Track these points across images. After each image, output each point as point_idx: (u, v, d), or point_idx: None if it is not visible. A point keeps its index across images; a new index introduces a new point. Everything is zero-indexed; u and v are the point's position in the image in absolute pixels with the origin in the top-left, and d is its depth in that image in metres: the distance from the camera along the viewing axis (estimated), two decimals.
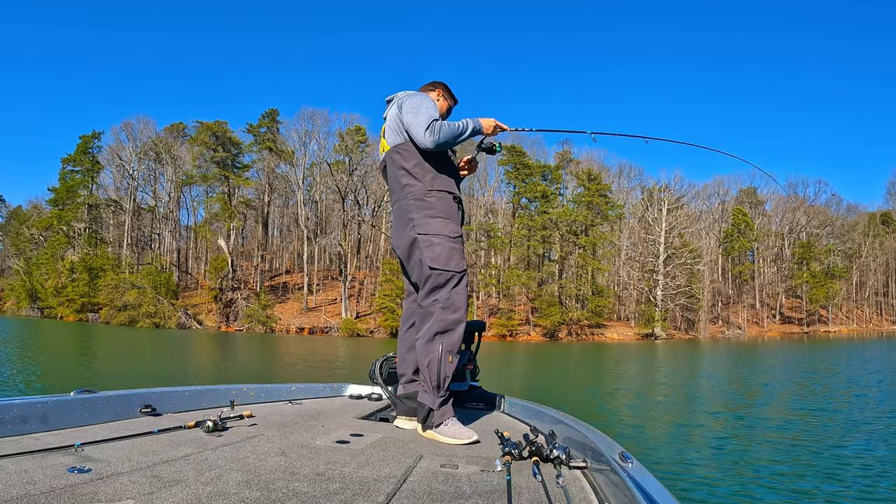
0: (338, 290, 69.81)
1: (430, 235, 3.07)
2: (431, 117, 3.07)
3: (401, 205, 3.19)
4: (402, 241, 3.19)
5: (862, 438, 9.16)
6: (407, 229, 3.13)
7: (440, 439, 2.84)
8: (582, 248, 68.40)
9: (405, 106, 3.17)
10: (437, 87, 3.54)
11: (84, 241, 70.04)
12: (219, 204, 71.69)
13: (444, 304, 3.02)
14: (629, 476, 1.74)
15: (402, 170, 3.17)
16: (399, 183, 3.19)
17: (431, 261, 3.03)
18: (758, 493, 6.31)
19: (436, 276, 3.03)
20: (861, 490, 6.51)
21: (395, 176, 3.21)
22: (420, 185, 3.13)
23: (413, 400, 3.11)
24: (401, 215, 3.19)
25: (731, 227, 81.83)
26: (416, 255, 3.11)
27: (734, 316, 79.75)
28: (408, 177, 3.15)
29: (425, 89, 3.53)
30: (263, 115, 75.00)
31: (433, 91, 3.53)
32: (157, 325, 60.68)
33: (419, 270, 3.10)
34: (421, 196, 3.12)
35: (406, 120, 3.14)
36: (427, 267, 3.03)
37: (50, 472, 1.89)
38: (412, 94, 3.27)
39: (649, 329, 67.34)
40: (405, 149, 3.18)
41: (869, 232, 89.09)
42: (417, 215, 3.09)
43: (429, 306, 3.05)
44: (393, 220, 3.31)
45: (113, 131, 74.48)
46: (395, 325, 60.07)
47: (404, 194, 3.16)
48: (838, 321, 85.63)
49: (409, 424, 3.12)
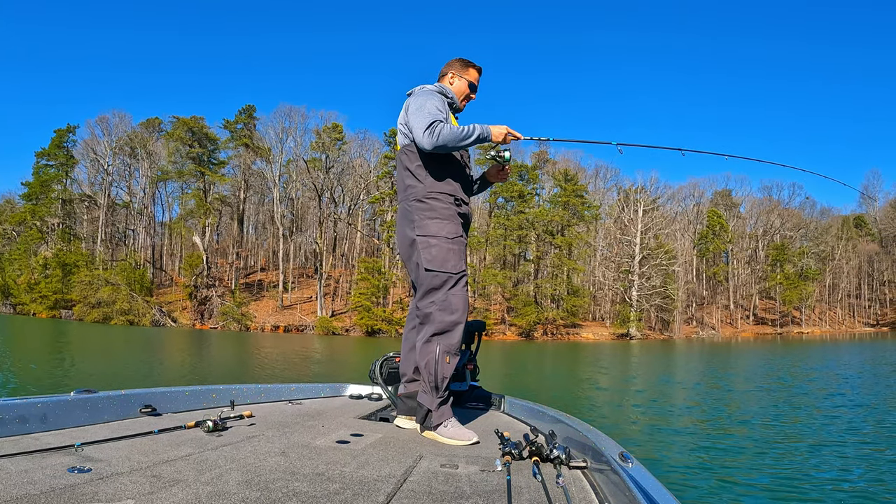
0: (313, 289, 69.56)
1: (428, 237, 3.06)
2: (433, 118, 3.03)
3: (403, 206, 3.20)
4: (402, 241, 3.21)
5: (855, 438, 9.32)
6: (407, 230, 3.15)
7: (440, 440, 2.84)
8: (558, 248, 68.65)
9: (410, 106, 3.16)
10: (450, 69, 3.49)
11: (58, 237, 69.02)
12: (194, 200, 71.01)
13: (440, 305, 3.01)
14: (629, 476, 1.75)
15: (407, 171, 3.18)
16: (403, 184, 3.20)
17: (427, 262, 3.03)
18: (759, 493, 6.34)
19: (431, 277, 3.03)
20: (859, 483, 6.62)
21: (401, 176, 3.22)
22: (421, 186, 3.13)
23: (413, 399, 3.11)
24: (403, 216, 3.20)
25: (705, 229, 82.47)
26: (414, 256, 3.12)
27: (708, 317, 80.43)
28: (411, 178, 3.16)
29: (442, 73, 3.50)
30: (240, 112, 74.48)
31: (445, 76, 3.48)
32: (132, 322, 60.03)
33: (416, 272, 3.12)
34: (421, 197, 3.12)
35: (410, 121, 3.12)
36: (423, 269, 3.04)
37: (50, 472, 1.88)
38: (421, 91, 3.23)
39: (624, 329, 67.77)
40: (411, 150, 3.17)
41: (842, 235, 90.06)
42: (417, 217, 3.10)
43: (425, 308, 3.05)
44: (397, 221, 3.32)
45: (88, 125, 73.34)
46: (371, 324, 60.15)
47: (407, 195, 3.17)
48: (811, 322, 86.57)
49: (409, 424, 3.12)
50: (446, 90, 3.35)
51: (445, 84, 3.44)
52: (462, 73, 3.46)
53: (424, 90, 3.25)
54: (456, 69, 3.46)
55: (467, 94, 3.46)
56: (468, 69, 3.48)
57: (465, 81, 3.46)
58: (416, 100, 3.15)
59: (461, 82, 3.45)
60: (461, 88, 3.45)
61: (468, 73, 3.47)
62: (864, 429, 9.85)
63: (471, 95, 3.48)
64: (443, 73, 3.49)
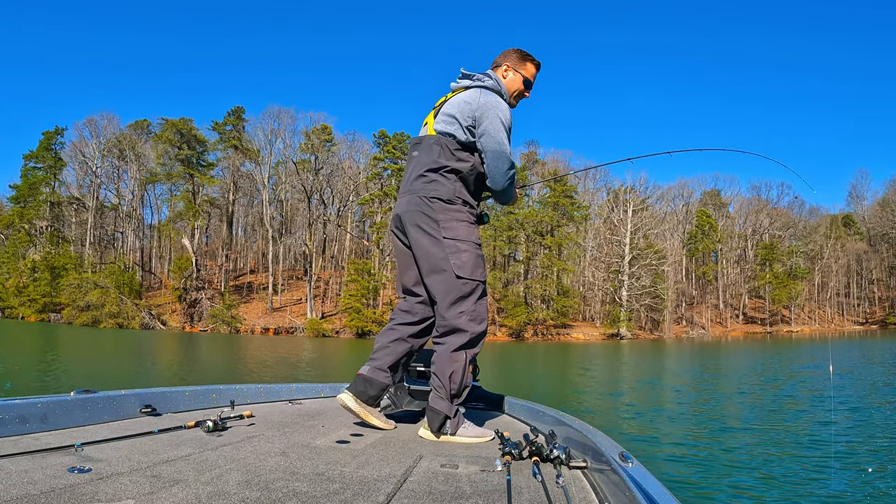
0: (303, 290, 69.44)
1: (458, 241, 2.90)
2: (512, 162, 2.96)
3: (418, 199, 2.95)
4: (420, 237, 2.95)
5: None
6: (427, 228, 2.92)
7: (461, 441, 2.82)
8: (548, 249, 68.77)
9: (492, 122, 2.92)
10: (505, 60, 3.24)
11: (46, 240, 68.57)
12: (183, 202, 70.71)
13: (471, 315, 2.90)
14: (629, 476, 1.74)
15: (440, 163, 2.95)
16: (430, 173, 2.96)
17: (458, 269, 2.87)
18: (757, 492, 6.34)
19: (462, 285, 2.88)
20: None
21: (429, 164, 2.97)
22: (451, 187, 2.95)
23: (371, 386, 3.00)
24: (417, 210, 2.95)
25: (695, 229, 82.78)
26: (436, 256, 2.91)
27: (698, 316, 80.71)
28: (439, 174, 2.95)
29: (496, 63, 3.26)
30: (229, 113, 74.24)
31: (500, 67, 3.23)
32: (121, 325, 59.71)
33: (438, 276, 2.92)
34: (448, 198, 2.93)
35: (488, 144, 2.92)
36: (454, 275, 2.87)
37: (50, 472, 1.88)
38: (490, 99, 2.98)
39: (614, 329, 67.93)
40: (453, 145, 2.96)
41: (831, 234, 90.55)
42: (443, 216, 2.91)
43: (454, 318, 2.89)
44: (403, 214, 3.00)
45: (76, 127, 72.90)
46: (361, 326, 59.98)
47: (432, 188, 2.94)
48: (800, 321, 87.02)
49: (353, 403, 2.98)
50: (503, 89, 3.14)
51: (499, 76, 3.19)
52: (519, 66, 3.23)
53: (493, 97, 3.01)
54: (512, 61, 3.23)
55: (521, 90, 3.24)
56: (525, 63, 3.25)
57: (520, 77, 3.22)
58: (496, 118, 2.93)
59: (516, 77, 3.22)
60: (515, 85, 3.22)
61: (525, 68, 3.24)
62: (861, 427, 9.92)
63: (525, 93, 3.26)
64: (497, 64, 3.25)
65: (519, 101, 3.28)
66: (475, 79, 3.11)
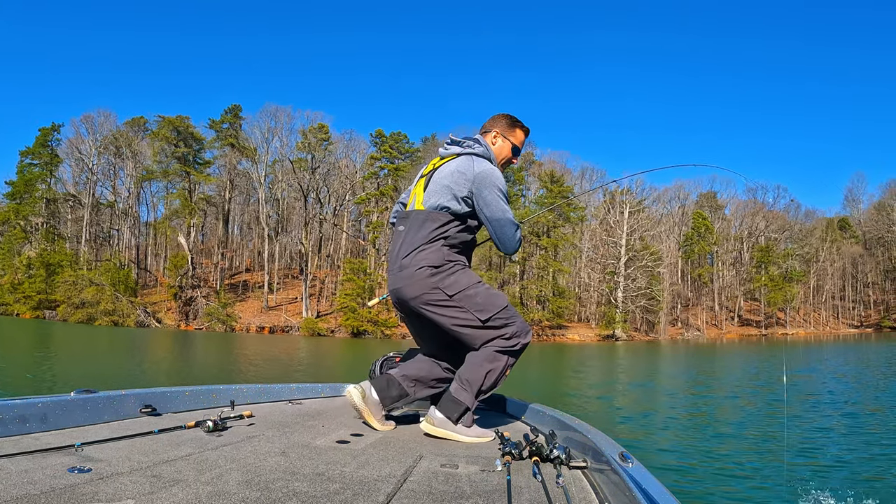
0: (298, 289, 69.40)
1: (465, 290, 2.93)
2: (516, 223, 3.01)
3: (415, 270, 2.96)
4: (430, 314, 2.99)
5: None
6: (429, 292, 2.94)
7: (461, 439, 2.84)
8: (544, 250, 68.73)
9: (490, 192, 2.96)
10: (494, 126, 3.29)
11: (41, 237, 68.48)
12: (179, 200, 70.70)
13: (514, 331, 2.96)
14: (629, 476, 1.74)
15: (430, 237, 2.97)
16: (422, 247, 2.98)
17: (480, 313, 2.91)
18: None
19: (493, 321, 2.93)
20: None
21: (420, 240, 2.98)
22: (442, 252, 2.97)
23: (393, 387, 3.05)
24: (417, 283, 2.95)
25: (691, 231, 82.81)
26: (454, 318, 2.95)
27: (693, 318, 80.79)
28: (433, 243, 2.97)
29: (485, 128, 3.31)
30: (226, 111, 74.13)
31: (489, 133, 3.28)
32: (116, 323, 59.60)
33: (466, 331, 2.95)
34: (441, 262, 2.95)
35: (493, 215, 2.97)
36: (479, 321, 2.92)
37: (50, 472, 1.88)
38: (489, 171, 3.00)
39: (610, 330, 67.95)
40: (446, 217, 2.99)
41: (826, 237, 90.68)
42: (439, 279, 2.93)
43: (504, 344, 2.95)
44: (402, 287, 3.00)
45: (73, 124, 72.70)
46: (356, 325, 59.94)
47: (422, 258, 2.96)
48: (795, 324, 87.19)
49: (358, 400, 3.00)
50: (492, 155, 3.15)
51: (489, 142, 3.22)
52: (508, 133, 3.28)
53: (485, 164, 3.03)
54: (501, 128, 3.28)
55: (508, 157, 3.28)
56: (514, 130, 3.30)
57: (508, 144, 3.27)
58: (486, 180, 2.97)
59: (505, 144, 3.26)
60: (504, 152, 3.26)
61: (514, 135, 3.29)
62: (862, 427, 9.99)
63: (512, 160, 3.30)
64: (486, 129, 3.30)
65: (507, 167, 3.33)
66: (465, 146, 3.12)
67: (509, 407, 3.77)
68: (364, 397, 3.01)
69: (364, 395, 3.01)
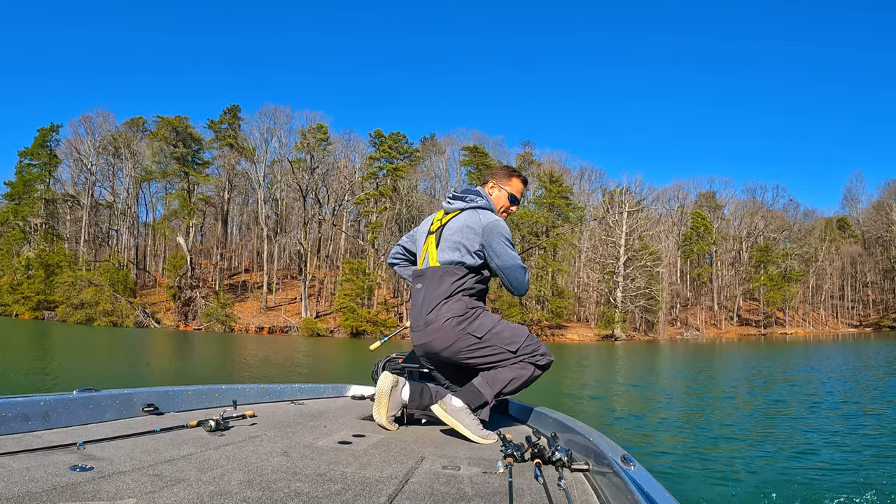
0: (297, 290, 69.37)
1: (491, 329, 3.08)
2: (527, 272, 3.20)
3: (443, 323, 3.10)
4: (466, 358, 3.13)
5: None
6: (460, 339, 3.08)
7: (468, 433, 2.89)
8: (543, 250, 68.72)
9: (498, 242, 3.12)
10: (493, 177, 3.48)
11: (40, 237, 68.42)
12: (178, 200, 70.65)
13: (541, 354, 3.12)
14: (631, 479, 1.76)
15: (451, 290, 3.12)
16: (444, 301, 3.12)
17: (511, 345, 3.07)
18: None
19: (522, 350, 3.08)
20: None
21: (442, 295, 3.13)
22: (464, 301, 3.11)
23: (425, 397, 3.16)
24: (442, 330, 3.09)
25: (690, 231, 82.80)
26: (489, 356, 3.10)
27: (692, 318, 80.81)
28: (452, 296, 3.11)
29: (484, 179, 3.51)
30: (225, 112, 74.24)
31: (487, 183, 3.46)
32: (115, 323, 59.45)
33: (503, 364, 3.11)
34: (465, 311, 3.10)
35: (504, 263, 3.13)
36: (511, 352, 3.07)
37: (52, 471, 1.89)
38: (495, 222, 3.17)
39: (609, 330, 67.95)
40: (462, 271, 3.13)
41: (825, 237, 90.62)
42: (467, 324, 3.08)
43: (520, 359, 3.11)
44: (431, 342, 3.15)
45: (71, 124, 72.60)
46: (356, 325, 59.88)
47: (447, 309, 3.10)
48: (794, 323, 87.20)
49: (387, 385, 3.09)
50: (492, 205, 3.32)
51: (487, 192, 3.40)
52: (504, 183, 3.44)
53: (490, 216, 3.20)
54: (499, 178, 3.45)
55: (506, 206, 3.42)
56: (511, 179, 3.45)
57: (505, 193, 3.42)
58: (493, 231, 3.13)
59: (501, 194, 3.42)
60: (501, 201, 3.41)
61: (511, 185, 3.44)
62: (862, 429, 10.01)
63: (510, 208, 3.44)
64: (485, 180, 3.49)
65: (507, 214, 3.48)
66: (468, 200, 3.27)
67: (511, 409, 3.79)
68: (393, 389, 3.09)
69: (395, 387, 3.11)
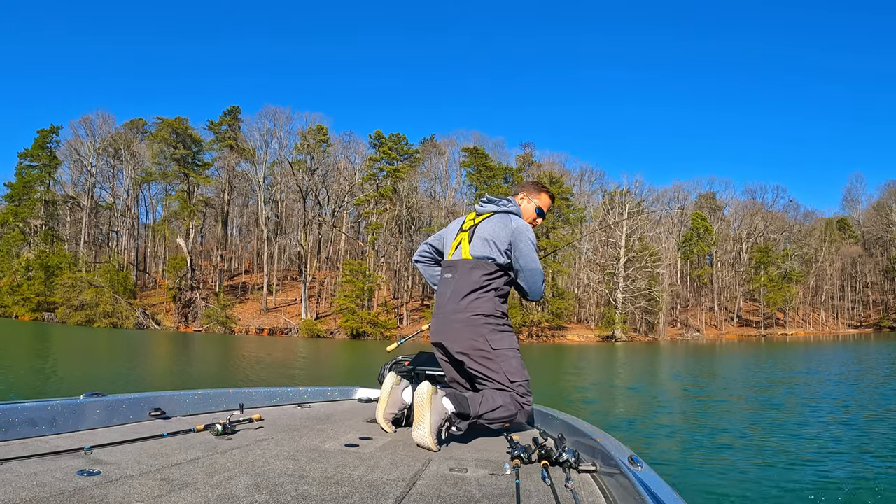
0: (298, 291, 69.37)
1: (506, 350, 3.21)
2: (544, 280, 3.36)
3: (470, 316, 3.22)
4: (474, 354, 3.22)
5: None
6: (476, 339, 3.19)
7: (424, 430, 2.75)
8: (542, 251, 68.49)
9: (525, 244, 3.26)
10: (523, 189, 3.65)
11: (40, 239, 68.39)
12: (178, 202, 70.70)
13: (526, 402, 3.21)
14: (639, 480, 1.76)
15: (482, 283, 3.24)
16: (473, 293, 3.23)
17: (511, 374, 3.18)
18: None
19: (517, 386, 3.18)
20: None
21: (471, 286, 3.24)
22: (493, 302, 3.24)
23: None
24: (469, 327, 3.21)
25: (690, 232, 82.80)
26: (489, 368, 3.19)
27: (693, 319, 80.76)
28: (485, 291, 3.23)
29: (515, 191, 3.67)
30: (225, 113, 74.22)
31: (518, 195, 3.63)
32: (115, 325, 59.49)
33: (493, 383, 3.19)
34: (493, 311, 3.22)
35: (526, 265, 3.27)
36: (508, 380, 3.17)
37: (59, 475, 1.90)
38: (524, 227, 3.32)
39: (609, 331, 67.90)
40: (492, 267, 3.25)
41: (825, 237, 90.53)
42: (489, 329, 3.20)
43: (512, 393, 3.21)
44: (452, 330, 3.27)
45: (71, 126, 72.61)
46: (356, 327, 59.83)
47: (476, 306, 3.21)
48: (795, 324, 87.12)
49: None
50: (521, 214, 3.47)
51: (517, 202, 3.55)
52: (534, 196, 3.61)
53: (521, 221, 3.35)
54: (528, 191, 3.62)
55: (533, 218, 3.57)
56: (541, 194, 3.63)
57: (534, 206, 3.58)
58: (522, 235, 3.27)
59: (530, 205, 3.58)
60: (529, 212, 3.56)
61: (540, 198, 3.62)
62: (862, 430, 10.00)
63: (536, 220, 3.58)
64: (516, 192, 3.65)
65: (533, 226, 3.58)
66: (500, 204, 3.45)
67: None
68: (394, 388, 3.15)
69: (395, 385, 3.16)
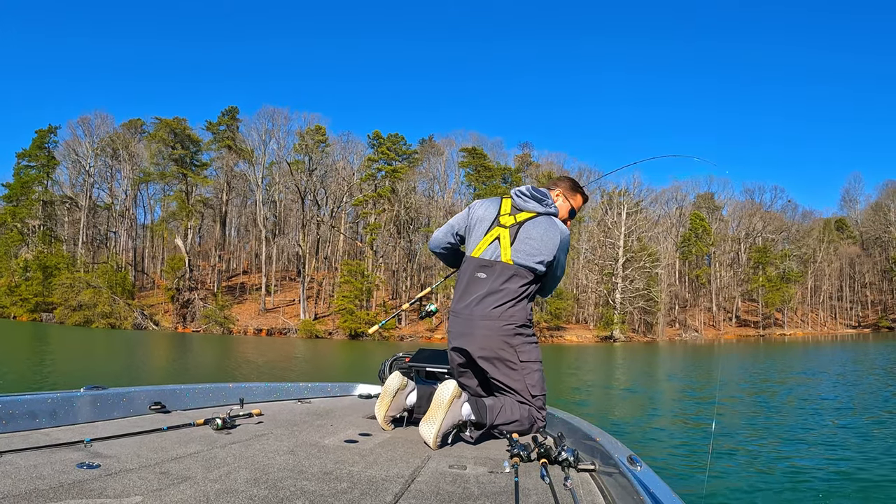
0: (296, 291, 69.39)
1: (531, 363, 3.15)
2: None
3: (503, 326, 3.13)
4: (494, 354, 3.14)
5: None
6: (506, 349, 3.12)
7: (432, 428, 2.69)
8: None
9: (564, 256, 3.26)
10: (559, 186, 3.55)
11: (38, 239, 68.39)
12: (176, 202, 70.76)
13: (541, 416, 3.18)
14: (637, 479, 1.75)
15: (519, 292, 3.15)
16: (508, 301, 3.13)
17: (533, 388, 3.15)
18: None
19: (537, 399, 3.15)
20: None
21: (508, 294, 3.14)
22: (525, 311, 3.17)
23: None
24: (498, 336, 3.12)
25: (688, 232, 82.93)
26: (512, 378, 3.14)
27: (691, 319, 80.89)
28: (518, 300, 3.15)
29: (549, 186, 3.56)
30: (223, 113, 74.36)
31: (553, 190, 3.51)
32: (113, 325, 59.52)
33: (514, 394, 3.16)
34: (524, 321, 3.16)
35: (559, 273, 3.31)
36: (530, 394, 3.14)
37: (59, 468, 1.90)
38: (567, 238, 3.28)
39: (608, 332, 68.00)
40: (530, 276, 3.17)
41: (823, 238, 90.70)
42: (518, 340, 3.13)
43: (531, 407, 3.20)
44: (481, 335, 3.14)
45: (69, 126, 72.62)
46: (354, 327, 59.89)
47: (509, 314, 3.12)
48: (793, 324, 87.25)
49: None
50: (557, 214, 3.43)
51: (552, 198, 3.43)
52: (569, 195, 3.52)
53: (566, 232, 3.28)
54: (564, 189, 3.52)
55: (565, 218, 3.49)
56: (576, 195, 3.54)
57: (568, 205, 3.50)
58: (564, 246, 3.25)
59: (565, 205, 3.49)
60: (563, 212, 3.47)
61: (574, 199, 3.54)
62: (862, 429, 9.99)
63: (567, 220, 3.50)
64: (549, 187, 3.54)
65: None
66: (545, 204, 3.28)
67: None
68: (399, 391, 3.05)
69: (402, 389, 3.05)
